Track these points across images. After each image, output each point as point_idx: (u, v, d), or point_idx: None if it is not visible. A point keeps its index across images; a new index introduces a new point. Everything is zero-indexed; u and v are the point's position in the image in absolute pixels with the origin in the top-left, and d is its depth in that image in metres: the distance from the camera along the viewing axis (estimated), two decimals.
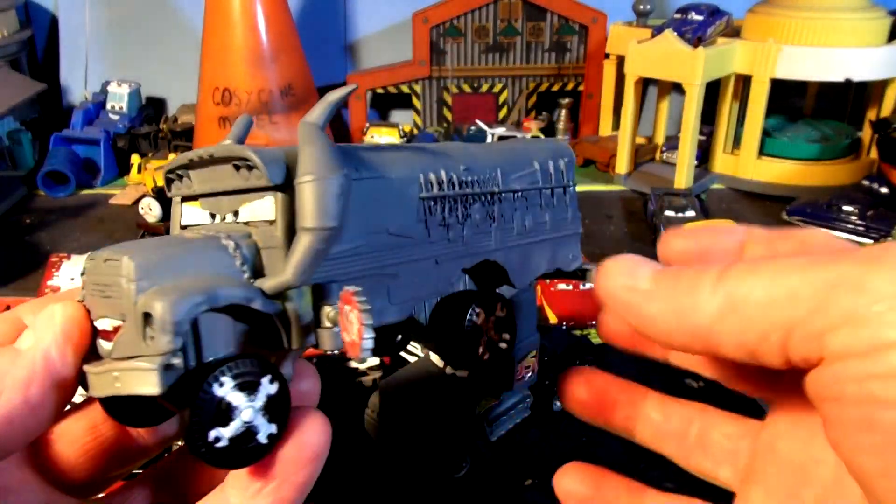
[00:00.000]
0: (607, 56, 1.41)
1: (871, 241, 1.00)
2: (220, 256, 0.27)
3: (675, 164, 1.24)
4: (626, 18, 1.39)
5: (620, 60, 1.34)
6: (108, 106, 1.39)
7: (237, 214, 0.29)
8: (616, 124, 1.42)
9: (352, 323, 0.25)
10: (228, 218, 0.29)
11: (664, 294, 0.25)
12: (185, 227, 0.31)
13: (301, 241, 0.26)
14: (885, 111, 1.24)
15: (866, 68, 1.18)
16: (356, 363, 0.68)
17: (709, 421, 0.31)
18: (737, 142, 1.29)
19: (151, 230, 1.04)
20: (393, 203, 0.30)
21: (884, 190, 1.12)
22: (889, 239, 0.95)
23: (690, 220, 1.01)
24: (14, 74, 1.36)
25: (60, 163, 1.22)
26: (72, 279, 0.87)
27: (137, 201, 1.14)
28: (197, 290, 0.24)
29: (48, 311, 0.27)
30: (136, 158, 1.28)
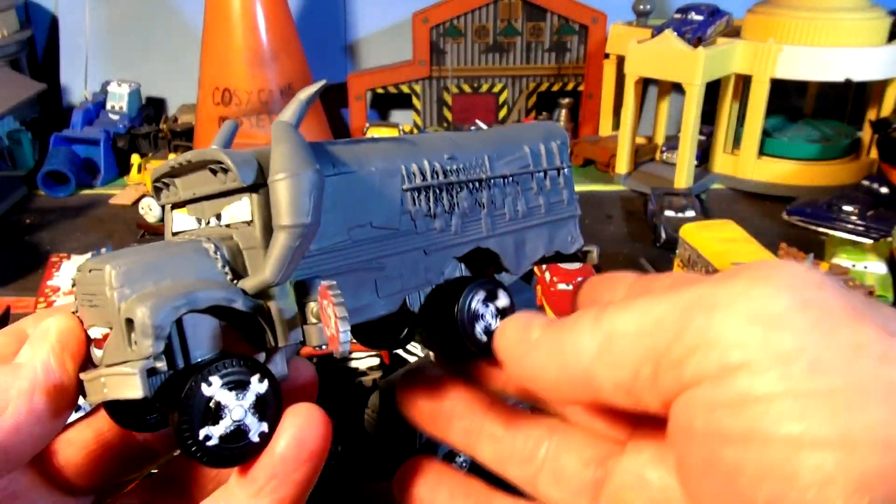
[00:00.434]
0: (607, 56, 1.41)
1: (871, 241, 1.00)
2: (201, 260, 0.27)
3: (675, 164, 1.24)
4: (626, 18, 1.39)
5: (620, 60, 1.34)
6: (108, 106, 1.39)
7: (220, 217, 0.29)
8: (616, 124, 1.42)
9: (329, 317, 0.25)
10: (213, 222, 0.29)
11: (548, 340, 0.25)
12: (177, 233, 0.31)
13: (278, 240, 0.26)
14: (885, 111, 1.24)
15: (866, 68, 1.18)
16: (356, 363, 0.68)
17: (563, 442, 0.29)
18: (737, 142, 1.29)
19: (151, 230, 1.04)
20: (374, 196, 0.30)
21: (884, 190, 1.12)
22: (889, 239, 0.95)
23: (690, 220, 1.01)
24: (14, 74, 1.36)
25: (60, 163, 1.22)
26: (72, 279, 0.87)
27: (137, 201, 1.14)
28: (176, 293, 0.24)
29: (44, 324, 0.27)
30: (136, 158, 1.28)
